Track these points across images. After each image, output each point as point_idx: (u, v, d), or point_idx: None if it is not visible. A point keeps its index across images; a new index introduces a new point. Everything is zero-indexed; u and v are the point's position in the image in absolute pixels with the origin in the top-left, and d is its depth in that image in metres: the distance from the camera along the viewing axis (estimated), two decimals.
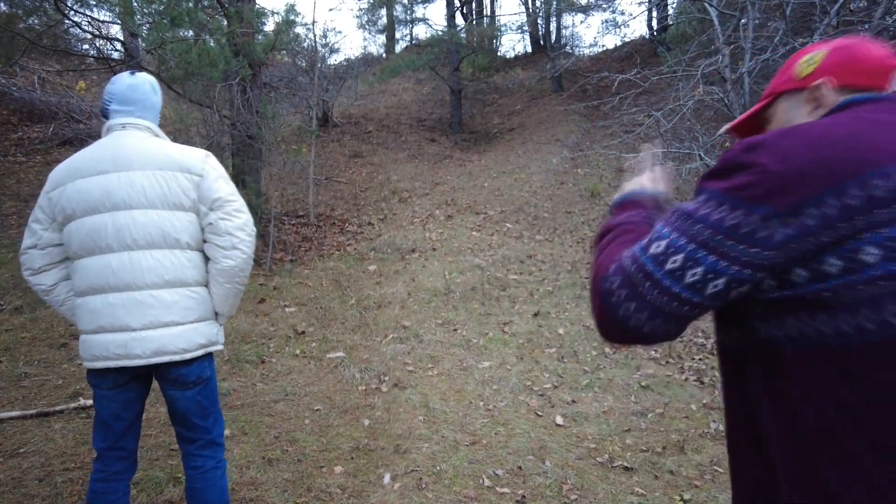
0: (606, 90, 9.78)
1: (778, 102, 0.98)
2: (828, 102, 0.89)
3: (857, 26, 5.36)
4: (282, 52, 10.55)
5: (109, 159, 1.72)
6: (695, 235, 0.76)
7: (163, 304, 1.72)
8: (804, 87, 0.92)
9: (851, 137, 0.73)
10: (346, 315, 5.07)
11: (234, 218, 1.78)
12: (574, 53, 16.48)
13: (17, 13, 6.90)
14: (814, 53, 0.94)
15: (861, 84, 0.87)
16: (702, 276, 0.74)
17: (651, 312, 0.77)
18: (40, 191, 1.82)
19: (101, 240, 1.70)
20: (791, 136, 0.76)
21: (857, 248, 0.68)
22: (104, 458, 1.82)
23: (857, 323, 0.69)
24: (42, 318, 4.51)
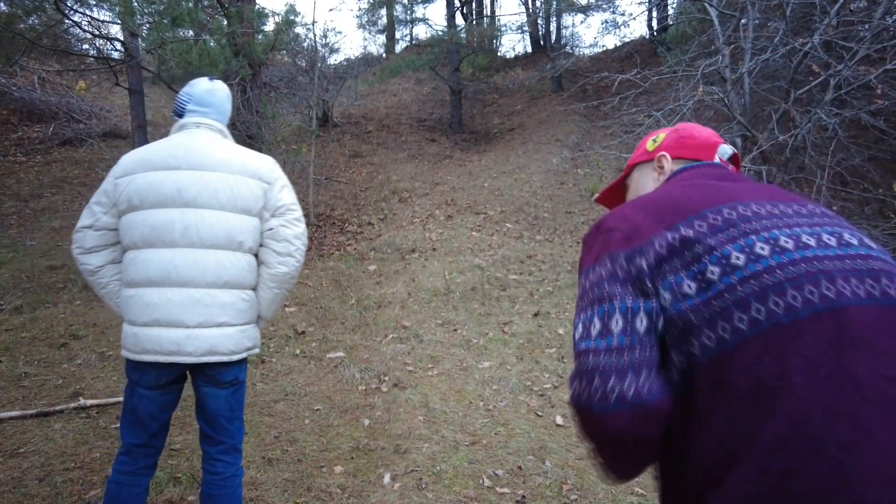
0: (606, 90, 9.78)
1: (634, 172, 1.23)
2: (668, 169, 1.13)
3: (857, 26, 5.36)
4: (282, 52, 10.55)
5: (183, 156, 1.75)
6: (593, 300, 0.88)
7: (219, 305, 1.74)
8: (651, 158, 1.18)
9: (672, 198, 0.94)
10: (346, 315, 5.07)
11: (294, 227, 1.84)
12: (574, 53, 16.47)
13: (17, 13, 6.90)
14: (658, 134, 1.20)
15: (690, 157, 1.12)
16: (622, 319, 0.83)
17: (618, 374, 0.80)
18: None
19: (166, 234, 1.72)
20: (626, 207, 0.96)
21: (703, 270, 0.82)
22: (134, 453, 1.82)
23: (718, 335, 0.78)
24: (42, 318, 4.51)
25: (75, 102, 10.66)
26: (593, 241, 0.95)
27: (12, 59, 6.79)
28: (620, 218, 0.93)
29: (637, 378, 0.80)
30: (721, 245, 0.84)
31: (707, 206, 0.90)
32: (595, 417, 0.81)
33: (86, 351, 4.00)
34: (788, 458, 0.71)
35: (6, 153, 9.08)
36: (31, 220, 7.09)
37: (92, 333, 4.28)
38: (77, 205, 7.56)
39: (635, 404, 0.79)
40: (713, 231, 0.86)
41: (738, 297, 0.79)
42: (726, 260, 0.82)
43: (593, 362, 0.81)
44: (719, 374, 0.77)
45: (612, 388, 0.79)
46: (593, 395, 0.80)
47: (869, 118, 5.47)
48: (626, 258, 0.87)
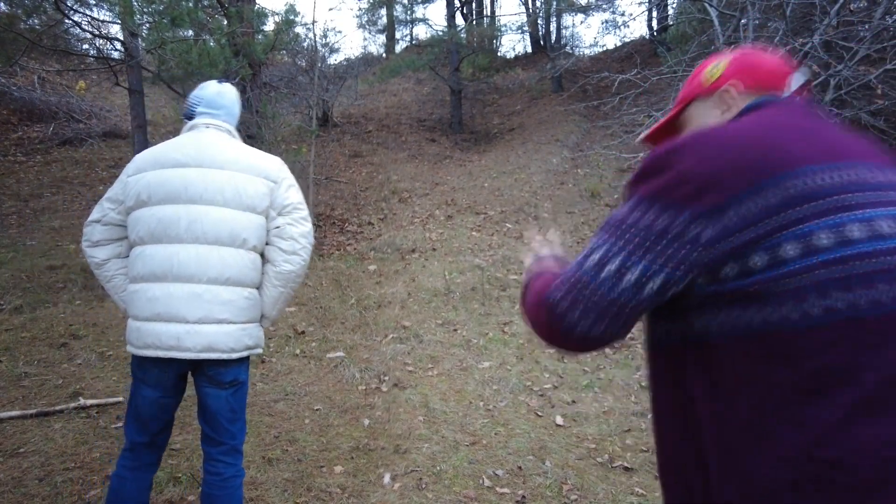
0: (606, 90, 9.78)
1: (689, 108, 1.05)
2: (734, 106, 0.96)
3: (857, 26, 5.36)
4: (282, 51, 10.55)
5: (191, 154, 1.79)
6: (627, 241, 0.81)
7: (219, 301, 1.75)
8: (713, 90, 1.00)
9: (761, 142, 0.80)
10: (346, 315, 5.07)
11: (300, 225, 1.85)
12: (574, 53, 16.46)
13: (17, 13, 6.90)
14: (717, 62, 1.02)
15: (762, 87, 0.96)
16: (636, 278, 0.79)
17: (595, 317, 0.81)
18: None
19: (171, 230, 1.74)
20: (706, 139, 0.82)
21: (777, 245, 0.73)
22: (138, 450, 1.84)
23: (783, 313, 0.73)
24: (42, 318, 4.51)
25: (75, 102, 10.66)
26: (660, 170, 0.82)
27: (12, 59, 6.79)
28: (698, 157, 0.79)
29: (612, 326, 0.82)
30: (808, 218, 0.73)
31: (800, 162, 0.77)
32: (557, 329, 0.84)
33: (86, 351, 4.00)
34: (838, 449, 0.68)
35: (6, 153, 9.08)
36: (31, 219, 7.09)
37: (92, 333, 4.28)
38: (77, 205, 7.56)
39: (591, 336, 0.83)
40: (802, 198, 0.74)
41: (816, 280, 0.72)
42: (809, 238, 0.73)
43: (586, 296, 0.82)
44: (772, 349, 0.73)
45: (584, 325, 0.82)
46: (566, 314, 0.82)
47: (869, 118, 5.47)
48: (689, 218, 0.76)
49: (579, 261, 0.86)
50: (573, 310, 0.82)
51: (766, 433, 0.73)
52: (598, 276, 0.81)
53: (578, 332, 0.83)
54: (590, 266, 0.83)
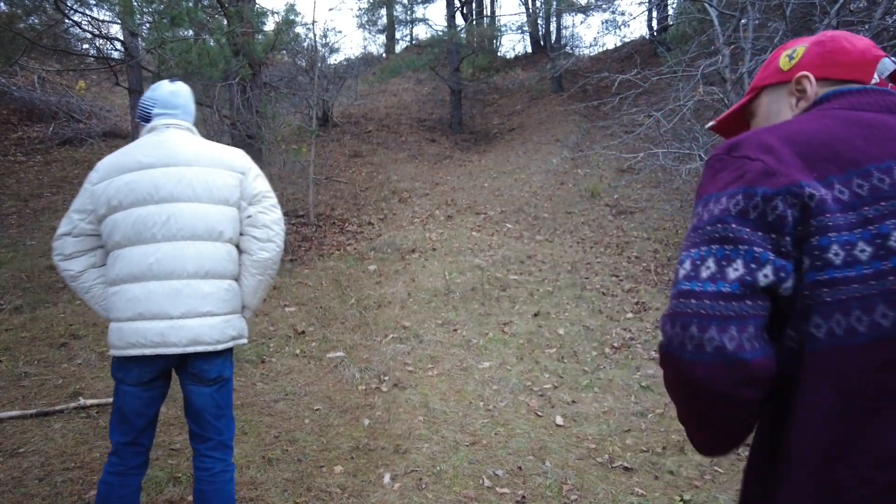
0: (606, 90, 9.77)
1: (762, 96, 0.99)
2: (811, 94, 0.89)
3: (857, 26, 5.36)
4: (282, 51, 10.55)
5: (156, 155, 1.81)
6: (712, 237, 0.73)
7: (200, 295, 1.77)
8: (788, 79, 0.92)
9: (828, 135, 0.75)
10: (346, 315, 5.07)
11: (271, 212, 1.88)
12: (574, 54, 16.47)
13: (17, 13, 6.89)
14: (795, 48, 0.94)
15: (842, 77, 0.87)
16: (744, 267, 0.70)
17: (718, 324, 0.68)
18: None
19: (146, 230, 1.76)
20: (766, 133, 0.78)
21: (850, 243, 0.68)
22: (122, 452, 1.85)
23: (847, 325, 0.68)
24: (42, 318, 4.51)
25: (75, 102, 10.65)
26: (721, 166, 0.78)
27: (12, 59, 6.79)
28: (759, 146, 0.76)
29: (741, 332, 0.68)
30: (881, 218, 0.68)
31: (873, 158, 0.72)
32: (684, 367, 0.70)
33: (86, 351, 4.00)
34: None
35: (6, 153, 9.07)
36: (31, 219, 7.09)
37: (92, 333, 4.28)
38: None
39: (734, 359, 0.67)
40: (875, 197, 0.69)
41: (886, 287, 0.66)
42: (883, 239, 0.67)
43: (695, 306, 0.70)
44: (836, 367, 0.68)
45: (711, 338, 0.68)
46: (686, 342, 0.69)
47: None
48: (765, 197, 0.71)
49: (674, 282, 0.77)
50: (687, 328, 0.70)
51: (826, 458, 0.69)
52: (699, 281, 0.71)
53: (713, 350, 0.68)
54: (682, 277, 0.74)
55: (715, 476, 2.76)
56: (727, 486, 2.66)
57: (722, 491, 2.62)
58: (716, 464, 2.85)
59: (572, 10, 14.92)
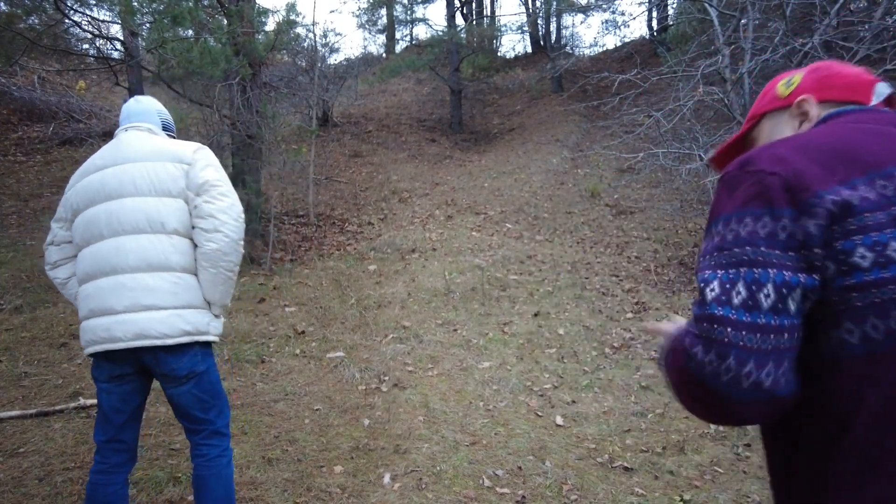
0: (606, 90, 9.77)
1: (763, 123, 1.01)
2: (813, 115, 0.91)
3: (857, 26, 5.36)
4: (282, 51, 10.55)
5: (109, 156, 1.86)
6: (740, 260, 0.71)
7: (145, 288, 1.75)
8: (788, 104, 0.95)
9: (841, 141, 0.75)
10: (346, 315, 5.07)
11: (217, 201, 1.80)
12: (574, 54, 16.47)
13: (17, 13, 6.89)
14: (792, 76, 0.98)
15: (841, 98, 0.90)
16: (776, 294, 0.69)
17: (757, 359, 0.67)
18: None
19: (95, 228, 1.80)
20: (777, 145, 0.78)
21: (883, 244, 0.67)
22: (103, 450, 1.86)
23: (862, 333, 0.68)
24: (42, 318, 4.51)
25: (75, 102, 10.65)
26: (737, 183, 0.76)
27: (12, 59, 6.79)
28: (773, 158, 0.75)
29: (778, 367, 0.67)
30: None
31: (893, 160, 0.72)
32: (719, 397, 0.69)
33: None
34: None
35: (6, 153, 9.07)
36: (31, 219, 7.09)
37: None
38: None
39: (770, 397, 0.67)
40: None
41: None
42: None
43: (732, 337, 0.68)
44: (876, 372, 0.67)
45: (749, 373, 0.67)
46: (723, 374, 0.68)
47: None
48: (791, 218, 0.70)
49: (696, 304, 0.74)
50: (724, 357, 0.68)
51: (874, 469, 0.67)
52: (732, 307, 0.69)
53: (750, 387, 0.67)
54: (713, 299, 0.71)
55: (715, 476, 2.76)
56: (727, 486, 2.66)
57: (722, 491, 2.62)
58: (716, 464, 2.85)
59: (572, 10, 14.93)
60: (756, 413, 0.70)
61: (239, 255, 1.86)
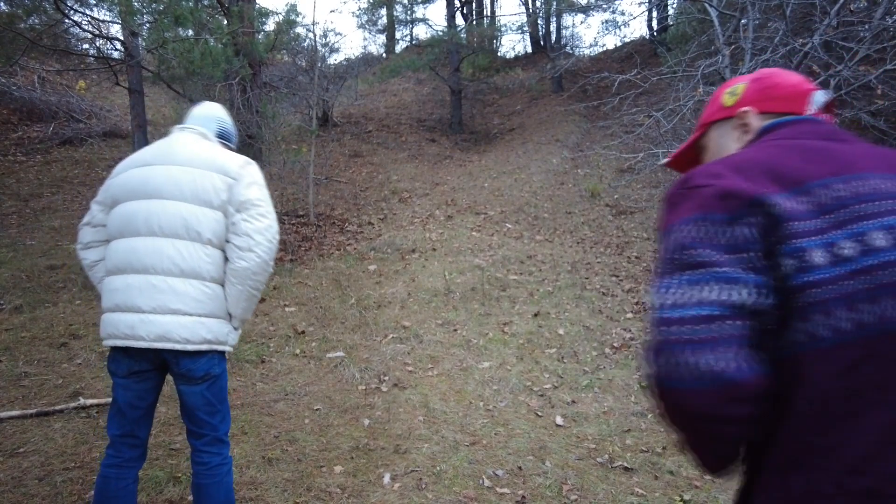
0: (606, 90, 9.78)
1: (710, 132, 1.06)
2: (754, 127, 0.96)
3: (858, 27, 5.36)
4: (282, 51, 10.55)
5: (158, 154, 1.88)
6: (682, 264, 0.75)
7: (173, 292, 1.77)
8: (732, 115, 1.01)
9: (770, 161, 0.81)
10: (346, 315, 5.07)
11: (256, 221, 1.83)
12: (574, 54, 16.47)
13: (17, 13, 6.89)
14: (736, 85, 1.03)
15: (779, 110, 0.96)
16: (718, 289, 0.71)
17: (710, 347, 0.69)
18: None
19: (132, 223, 1.81)
20: (714, 163, 0.84)
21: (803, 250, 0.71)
22: (117, 444, 1.89)
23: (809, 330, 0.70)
24: (42, 318, 4.51)
25: (75, 102, 10.65)
26: (680, 198, 0.82)
27: (12, 59, 6.79)
28: (710, 175, 0.81)
29: (727, 350, 0.69)
30: (829, 229, 0.72)
31: (812, 177, 0.77)
32: (678, 395, 0.71)
33: (86, 350, 4.00)
34: (874, 478, 0.65)
35: (6, 153, 9.07)
36: (31, 219, 7.09)
37: (92, 333, 4.28)
38: (77, 204, 7.56)
39: (724, 380, 0.68)
40: (820, 210, 0.74)
41: (843, 292, 0.69)
42: (833, 247, 0.71)
43: (676, 333, 0.71)
44: (803, 373, 0.70)
45: (697, 361, 0.69)
46: (682, 370, 0.70)
47: (869, 118, 5.47)
48: (727, 222, 0.75)
49: (652, 314, 0.78)
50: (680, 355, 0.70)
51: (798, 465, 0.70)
52: (676, 309, 0.72)
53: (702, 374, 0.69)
54: (662, 304, 0.75)
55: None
56: (727, 486, 2.66)
57: (722, 491, 2.63)
58: None
59: (572, 10, 14.92)
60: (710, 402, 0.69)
61: (267, 275, 1.90)
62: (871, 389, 0.67)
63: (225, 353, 1.93)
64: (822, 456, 0.68)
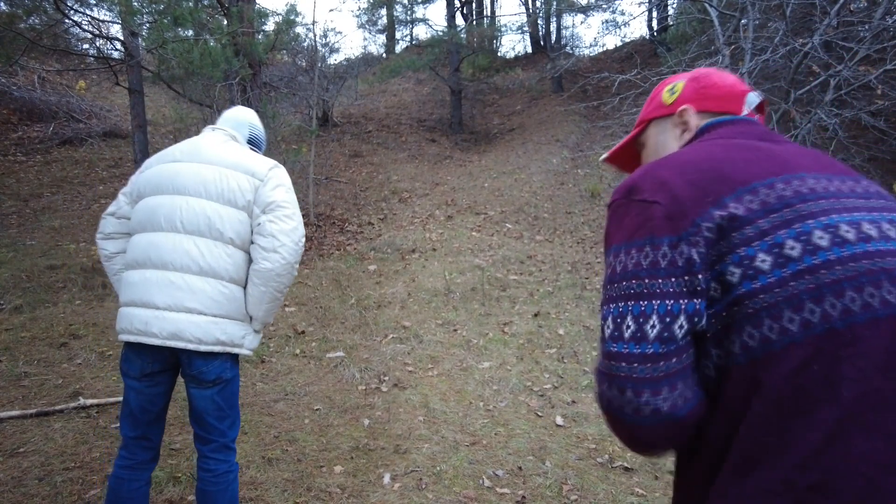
0: (606, 91, 9.78)
1: (649, 128, 1.06)
2: (692, 125, 0.98)
3: (858, 27, 5.36)
4: (282, 51, 10.55)
5: (187, 151, 1.89)
6: (627, 294, 0.76)
7: (190, 290, 1.76)
8: (671, 112, 1.01)
9: (714, 161, 0.81)
10: (346, 315, 5.07)
11: (281, 222, 1.81)
12: (574, 54, 16.47)
13: (17, 13, 6.90)
14: (675, 83, 1.04)
15: (716, 109, 0.97)
16: (660, 324, 0.73)
17: (651, 387, 0.73)
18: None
19: (155, 217, 1.80)
20: (660, 167, 0.83)
21: (749, 257, 0.72)
22: (131, 446, 1.86)
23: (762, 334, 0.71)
24: (42, 318, 4.51)
25: (75, 102, 10.65)
26: (624, 212, 0.81)
27: (12, 59, 6.79)
28: (656, 184, 0.80)
29: (672, 391, 0.72)
30: (774, 230, 0.73)
31: (757, 176, 0.78)
32: (626, 427, 0.76)
33: (86, 350, 4.00)
34: (820, 472, 0.66)
35: (6, 153, 9.07)
36: (31, 219, 7.09)
37: (92, 333, 4.28)
38: (77, 204, 7.56)
39: (670, 419, 0.73)
40: (765, 210, 0.75)
41: (789, 293, 0.70)
42: (779, 249, 0.72)
43: (626, 370, 0.74)
44: (758, 377, 0.71)
45: (647, 402, 0.73)
46: (624, 405, 0.74)
47: (869, 118, 5.47)
48: (671, 245, 0.75)
49: (599, 340, 0.81)
50: (623, 392, 0.74)
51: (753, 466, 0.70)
52: (624, 342, 0.75)
53: (650, 413, 0.73)
54: (608, 336, 0.77)
55: None
56: None
57: None
58: None
59: (572, 10, 14.91)
60: (663, 438, 0.75)
61: (291, 278, 1.88)
62: (819, 387, 0.68)
63: (238, 357, 1.90)
64: (775, 455, 0.69)
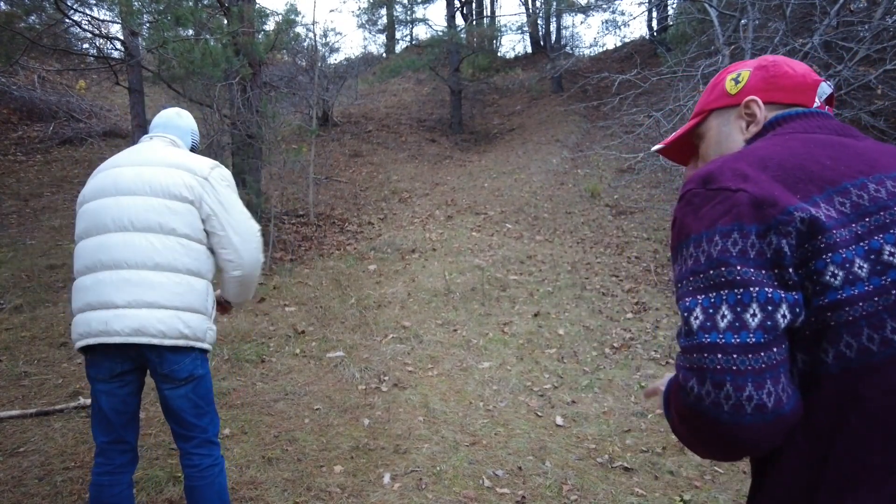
0: (606, 91, 9.78)
1: (710, 119, 0.98)
2: (760, 118, 0.90)
3: (858, 27, 5.36)
4: (282, 51, 10.55)
5: (127, 157, 1.90)
6: (718, 282, 0.69)
7: (148, 284, 1.74)
8: (736, 103, 0.93)
9: (797, 158, 0.75)
10: (346, 315, 5.07)
11: (238, 228, 1.89)
12: (574, 54, 16.48)
13: (17, 12, 6.89)
14: (739, 71, 0.96)
15: (786, 101, 0.89)
16: (762, 312, 0.67)
17: (755, 380, 0.65)
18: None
19: (100, 220, 1.79)
20: (736, 160, 0.76)
21: (848, 261, 0.67)
22: (107, 451, 1.84)
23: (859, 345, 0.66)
24: (42, 318, 4.51)
25: (75, 102, 10.65)
26: (702, 201, 0.74)
27: (12, 59, 6.78)
28: (737, 175, 0.73)
29: (776, 384, 0.65)
30: (869, 234, 0.67)
31: (846, 176, 0.71)
32: (724, 428, 0.67)
33: None
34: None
35: (6, 152, 9.07)
36: (31, 219, 7.09)
37: None
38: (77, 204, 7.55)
39: (776, 416, 0.65)
40: (858, 213, 0.69)
41: (890, 302, 0.65)
42: (876, 255, 0.66)
43: (723, 361, 0.66)
44: (855, 390, 0.65)
45: (750, 396, 0.65)
46: (723, 402, 0.66)
47: (869, 118, 5.47)
48: (759, 234, 0.68)
49: (681, 335, 0.72)
50: (721, 387, 0.66)
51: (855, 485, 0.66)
52: (718, 334, 0.67)
53: (753, 410, 0.65)
54: (698, 327, 0.69)
55: (715, 476, 2.76)
56: (727, 486, 2.67)
57: (722, 491, 2.62)
58: (715, 464, 2.85)
59: (572, 10, 14.92)
60: (766, 437, 0.67)
61: (260, 265, 1.97)
62: None
63: (206, 353, 1.89)
64: (875, 477, 0.64)
